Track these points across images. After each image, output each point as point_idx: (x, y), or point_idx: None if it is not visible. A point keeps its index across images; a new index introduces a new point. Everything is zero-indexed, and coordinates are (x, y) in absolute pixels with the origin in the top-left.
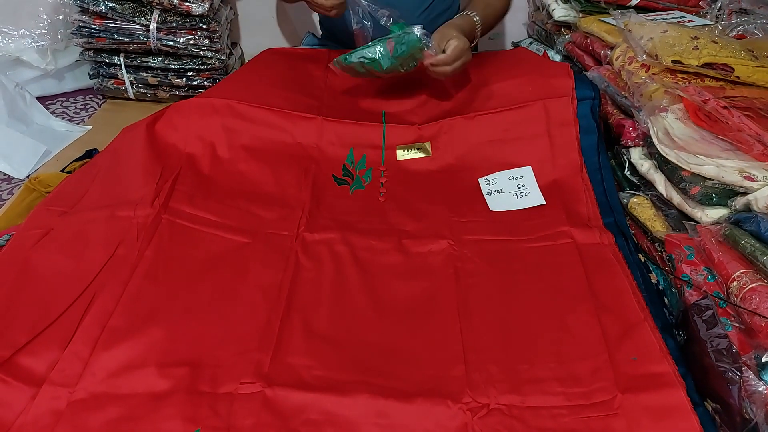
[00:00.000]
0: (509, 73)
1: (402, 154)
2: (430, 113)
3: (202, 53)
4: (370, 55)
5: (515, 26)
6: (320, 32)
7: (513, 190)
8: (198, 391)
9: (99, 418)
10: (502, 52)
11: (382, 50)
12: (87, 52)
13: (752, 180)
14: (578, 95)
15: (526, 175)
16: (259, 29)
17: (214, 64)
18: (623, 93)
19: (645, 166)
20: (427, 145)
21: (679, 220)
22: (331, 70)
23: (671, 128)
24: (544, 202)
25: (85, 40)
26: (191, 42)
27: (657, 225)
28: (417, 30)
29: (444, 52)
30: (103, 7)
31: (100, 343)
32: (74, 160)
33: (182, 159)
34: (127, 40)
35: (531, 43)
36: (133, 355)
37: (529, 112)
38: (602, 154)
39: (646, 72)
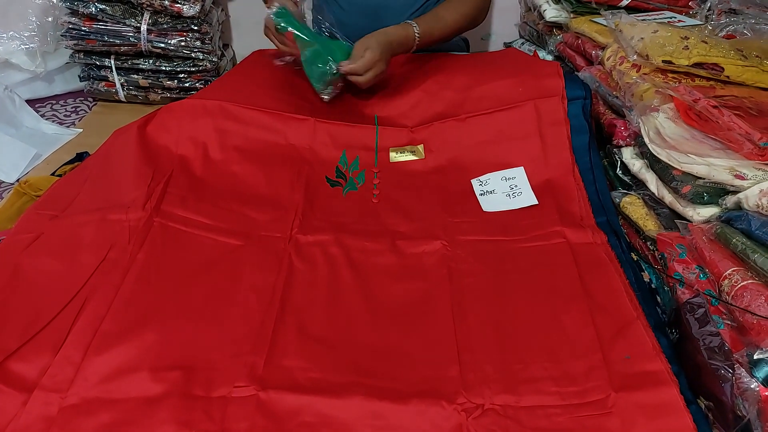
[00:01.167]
0: (500, 74)
1: (395, 156)
2: (422, 116)
3: (193, 55)
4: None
5: (507, 27)
6: None
7: (505, 190)
8: (192, 395)
9: (91, 423)
10: (492, 53)
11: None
12: (77, 55)
13: (742, 178)
14: (569, 95)
15: (518, 175)
16: (251, 31)
17: (205, 65)
18: (615, 93)
19: (637, 165)
20: (420, 147)
21: (671, 218)
22: None
23: (662, 127)
24: (537, 203)
25: (75, 42)
26: (182, 44)
27: (649, 224)
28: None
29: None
30: (93, 9)
31: (92, 348)
32: (65, 164)
33: (174, 161)
34: (117, 42)
35: (523, 43)
36: (125, 360)
37: (520, 112)
38: (594, 154)
39: (637, 72)
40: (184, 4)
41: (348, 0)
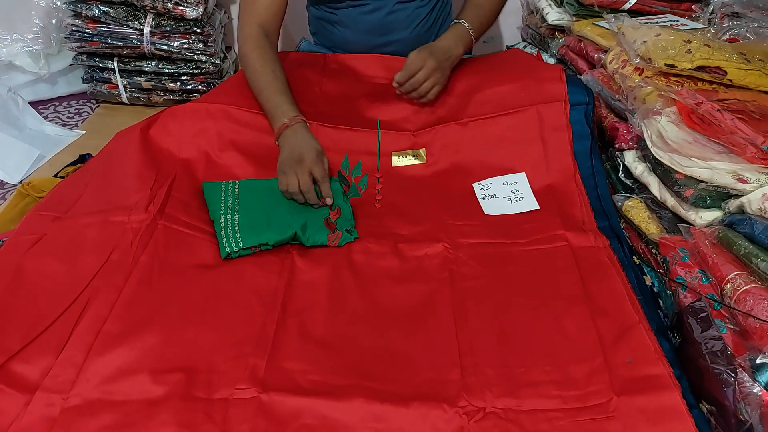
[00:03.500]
0: (502, 78)
1: (397, 161)
2: (425, 120)
3: (196, 57)
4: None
5: (509, 30)
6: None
7: (507, 195)
8: (193, 397)
9: (93, 424)
10: (494, 55)
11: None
12: (80, 57)
13: (745, 182)
14: (572, 100)
15: (520, 181)
16: None
17: (208, 68)
18: (617, 96)
19: (639, 168)
20: (422, 151)
21: (674, 222)
22: (326, 77)
23: (665, 131)
24: (538, 208)
25: (78, 44)
26: (185, 46)
27: (651, 227)
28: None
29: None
30: (97, 12)
31: (94, 349)
32: (67, 165)
33: (177, 164)
34: (120, 44)
35: (525, 46)
36: (127, 361)
37: (522, 117)
38: (596, 160)
39: (639, 75)
40: (187, 7)
41: (353, 18)
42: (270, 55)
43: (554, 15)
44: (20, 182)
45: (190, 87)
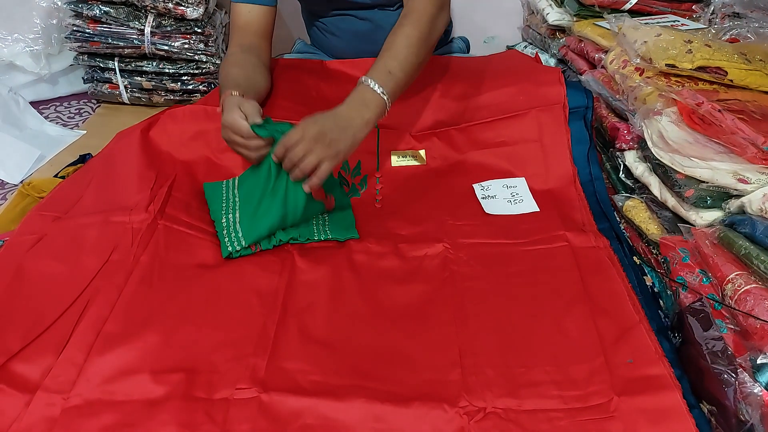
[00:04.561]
0: (501, 82)
1: (397, 161)
2: (423, 124)
3: (197, 57)
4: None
5: (510, 30)
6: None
7: (507, 197)
8: (193, 397)
9: (94, 424)
10: (492, 57)
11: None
12: (81, 57)
13: (746, 183)
14: (571, 104)
15: (519, 185)
16: None
17: (209, 68)
18: (618, 96)
19: (640, 169)
20: (422, 152)
21: (674, 222)
22: (323, 81)
23: (665, 131)
24: (538, 210)
25: (79, 44)
26: (186, 46)
27: (652, 228)
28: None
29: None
30: (97, 11)
31: (94, 349)
32: (68, 165)
33: (177, 166)
34: (121, 44)
35: (526, 46)
36: (128, 361)
37: (521, 121)
38: (594, 166)
39: (640, 75)
40: (187, 7)
41: (338, 26)
42: (232, 59)
43: (555, 15)
44: (21, 182)
45: (190, 87)
